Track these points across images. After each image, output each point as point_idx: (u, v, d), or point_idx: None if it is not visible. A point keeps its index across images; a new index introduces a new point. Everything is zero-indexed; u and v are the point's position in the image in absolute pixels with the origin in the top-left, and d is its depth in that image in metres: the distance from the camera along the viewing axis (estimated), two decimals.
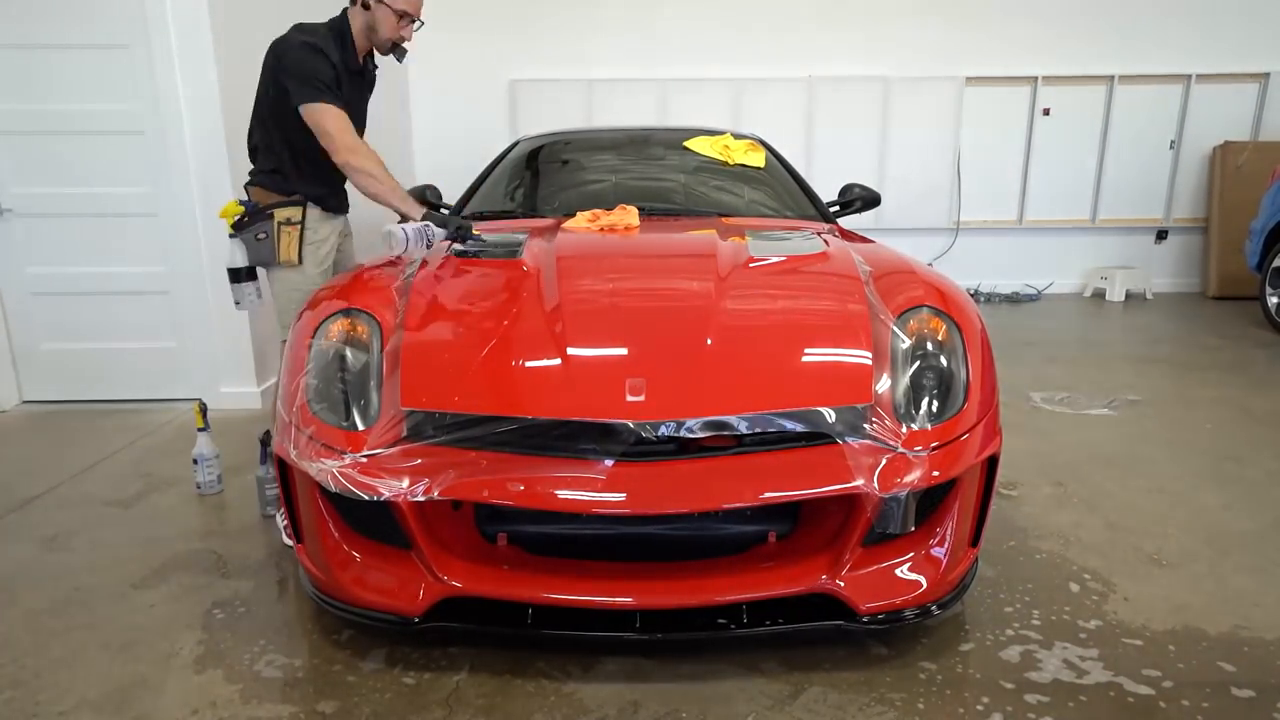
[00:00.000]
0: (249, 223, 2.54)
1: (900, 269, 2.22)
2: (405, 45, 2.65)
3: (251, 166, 2.66)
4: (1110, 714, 1.66)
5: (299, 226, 2.57)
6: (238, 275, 2.54)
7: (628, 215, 2.78)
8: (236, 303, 2.59)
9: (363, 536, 1.85)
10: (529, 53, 6.43)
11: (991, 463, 1.85)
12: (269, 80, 2.52)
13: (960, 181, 6.65)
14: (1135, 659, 1.83)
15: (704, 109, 6.35)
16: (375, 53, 2.69)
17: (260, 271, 2.61)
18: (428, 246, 2.44)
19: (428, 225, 2.44)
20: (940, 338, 1.91)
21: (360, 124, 2.70)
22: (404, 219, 2.53)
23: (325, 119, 2.43)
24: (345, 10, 2.59)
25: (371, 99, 2.81)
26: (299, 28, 2.55)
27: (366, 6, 2.52)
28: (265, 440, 2.55)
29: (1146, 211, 6.76)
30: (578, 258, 2.35)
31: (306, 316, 2.03)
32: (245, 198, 2.62)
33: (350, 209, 2.85)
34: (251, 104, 2.61)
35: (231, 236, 2.53)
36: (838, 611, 1.75)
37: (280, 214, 2.55)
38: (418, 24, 2.61)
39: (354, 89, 2.61)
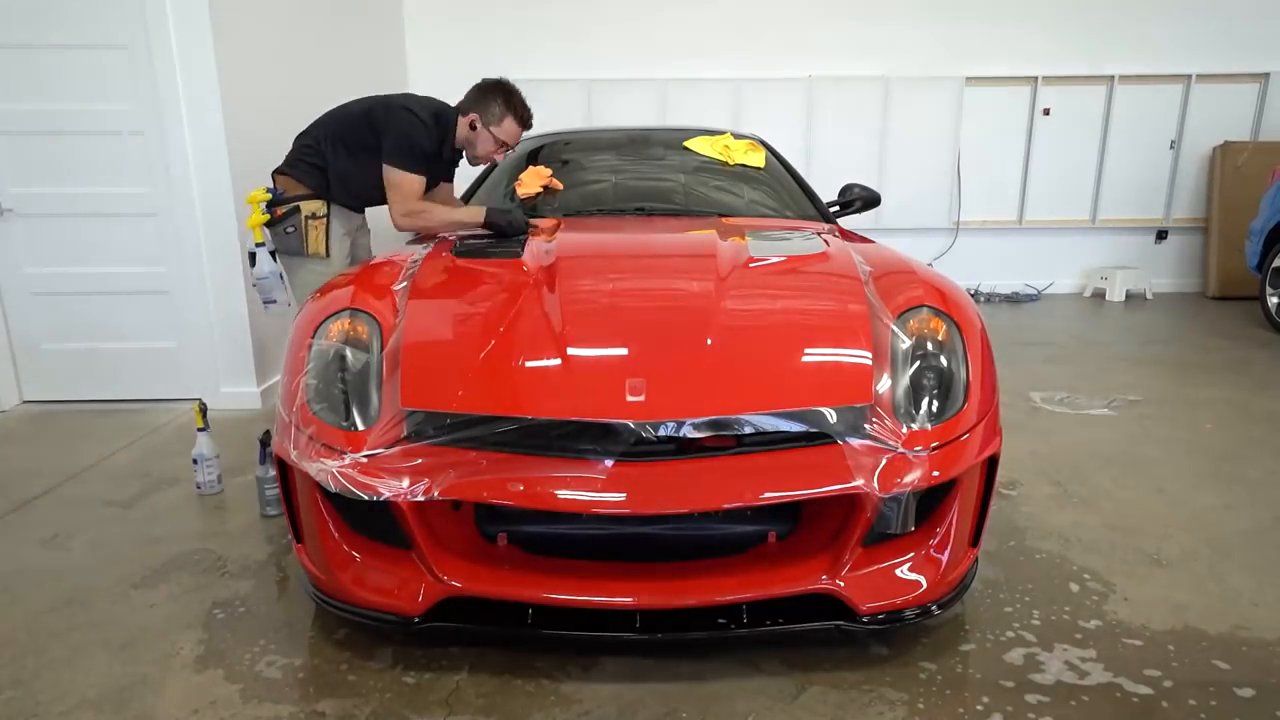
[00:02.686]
0: (278, 217, 2.75)
1: (900, 269, 2.22)
2: (495, 161, 2.94)
3: (289, 156, 2.83)
4: (1110, 714, 1.66)
5: (325, 220, 2.77)
6: (257, 260, 2.77)
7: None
8: (271, 301, 2.80)
9: (363, 536, 1.85)
10: (529, 53, 6.43)
11: (991, 463, 1.85)
12: (366, 120, 2.74)
13: (960, 181, 6.65)
14: (1135, 659, 1.83)
15: (704, 109, 6.35)
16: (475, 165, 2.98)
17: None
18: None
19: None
20: (940, 338, 1.91)
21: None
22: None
23: (404, 183, 2.70)
24: (455, 109, 2.82)
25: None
26: (415, 99, 2.79)
27: (473, 128, 2.77)
28: (265, 440, 2.55)
29: (1146, 211, 6.76)
30: (578, 258, 2.35)
31: (306, 316, 2.03)
32: (271, 185, 2.80)
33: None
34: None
35: (259, 246, 2.74)
36: (838, 611, 1.75)
37: (306, 208, 2.75)
38: (511, 148, 2.87)
39: (435, 171, 2.85)
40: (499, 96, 2.78)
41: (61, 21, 3.49)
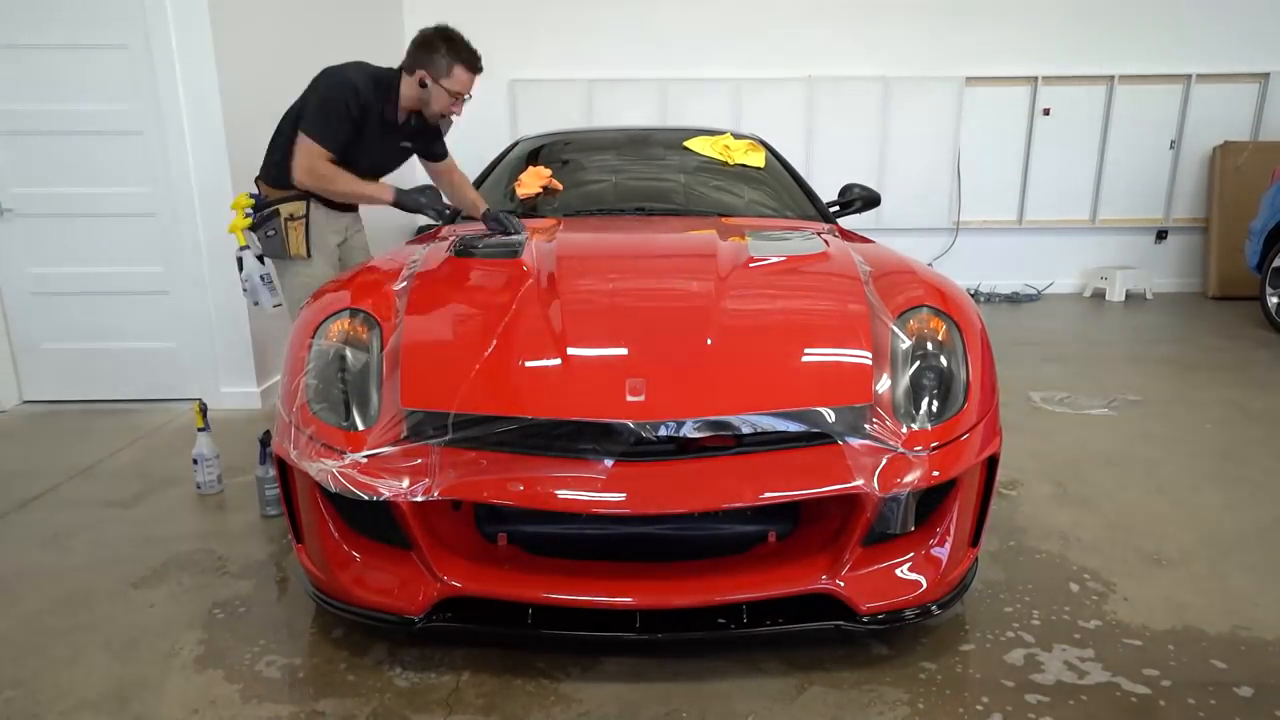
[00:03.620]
0: (259, 221, 2.71)
1: (900, 269, 2.22)
2: (454, 116, 2.78)
3: (265, 159, 2.79)
4: (1110, 714, 1.66)
5: (304, 221, 2.71)
6: (244, 264, 2.75)
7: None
8: (255, 303, 2.78)
9: (363, 536, 1.85)
10: (529, 53, 6.43)
11: (991, 463, 1.85)
12: (307, 93, 2.67)
13: (960, 181, 6.65)
14: (1135, 659, 1.83)
15: (704, 109, 6.36)
16: (434, 121, 2.82)
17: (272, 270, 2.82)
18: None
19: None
20: (940, 338, 1.91)
21: (384, 165, 2.86)
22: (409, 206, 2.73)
23: (304, 148, 2.59)
24: (398, 69, 2.69)
25: None
26: (354, 64, 2.69)
27: (423, 85, 2.63)
28: (265, 440, 2.55)
29: (1146, 211, 6.77)
30: (578, 258, 2.35)
31: (306, 316, 2.03)
32: (255, 191, 2.78)
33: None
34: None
35: (243, 249, 2.73)
36: (838, 611, 1.75)
37: (285, 209, 2.70)
38: (467, 98, 2.72)
39: (379, 137, 2.74)
40: (441, 46, 2.61)
41: (61, 21, 3.49)
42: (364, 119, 2.63)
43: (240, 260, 2.75)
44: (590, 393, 1.74)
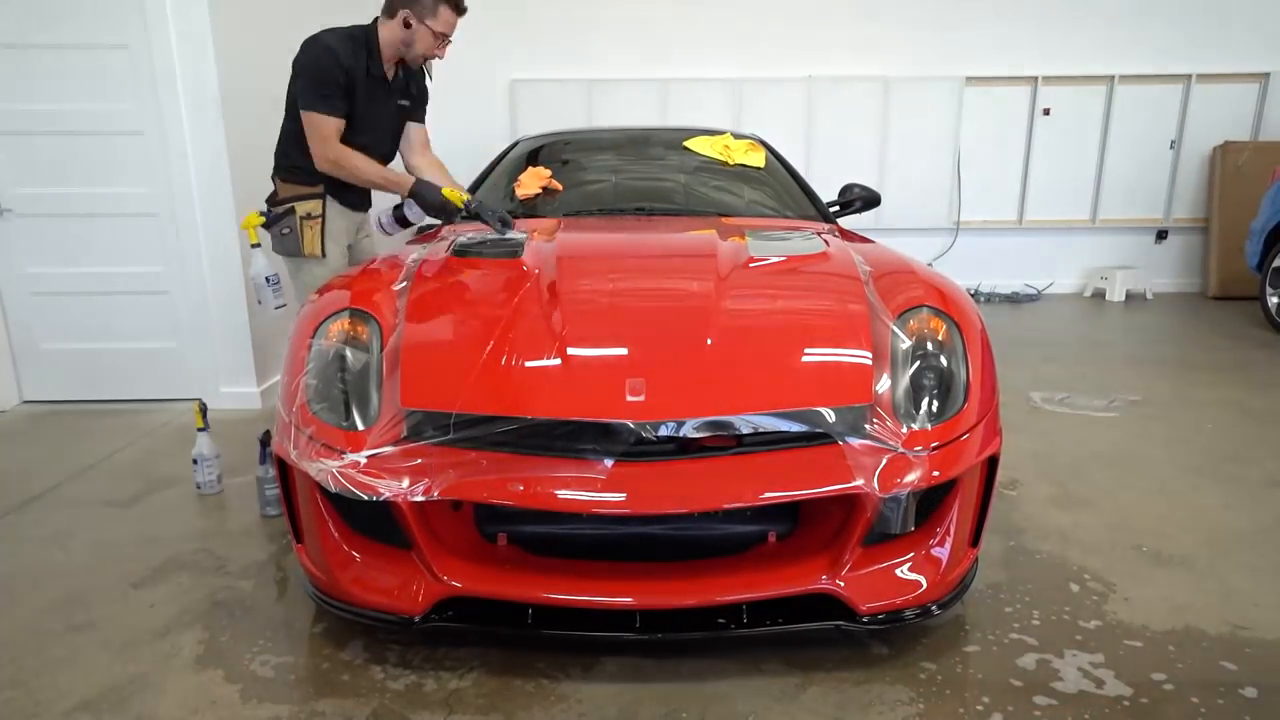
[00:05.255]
0: (273, 219, 2.70)
1: (900, 269, 2.22)
2: (437, 58, 2.77)
3: (277, 154, 2.79)
4: (1110, 714, 1.66)
5: (320, 220, 2.71)
6: (253, 261, 2.72)
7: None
8: (260, 302, 2.74)
9: (363, 536, 1.85)
10: (529, 53, 6.43)
11: (992, 463, 1.85)
12: (294, 72, 2.64)
13: (960, 181, 6.65)
14: (1135, 659, 1.83)
15: (704, 109, 6.36)
16: (416, 65, 2.81)
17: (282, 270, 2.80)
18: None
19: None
20: (940, 338, 1.91)
21: (386, 129, 2.81)
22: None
23: (314, 124, 2.58)
24: (375, 19, 2.67)
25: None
26: (329, 29, 2.64)
27: (407, 25, 2.61)
28: (265, 440, 2.56)
29: (1146, 211, 6.76)
30: (578, 258, 2.35)
31: (306, 316, 2.03)
32: (264, 207, 2.76)
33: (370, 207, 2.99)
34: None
35: (255, 246, 2.70)
36: (838, 611, 1.75)
37: (301, 208, 2.69)
38: (450, 40, 2.72)
39: (372, 96, 2.69)
40: None
41: (62, 21, 3.49)
42: (352, 81, 2.59)
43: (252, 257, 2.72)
44: (590, 393, 1.74)
